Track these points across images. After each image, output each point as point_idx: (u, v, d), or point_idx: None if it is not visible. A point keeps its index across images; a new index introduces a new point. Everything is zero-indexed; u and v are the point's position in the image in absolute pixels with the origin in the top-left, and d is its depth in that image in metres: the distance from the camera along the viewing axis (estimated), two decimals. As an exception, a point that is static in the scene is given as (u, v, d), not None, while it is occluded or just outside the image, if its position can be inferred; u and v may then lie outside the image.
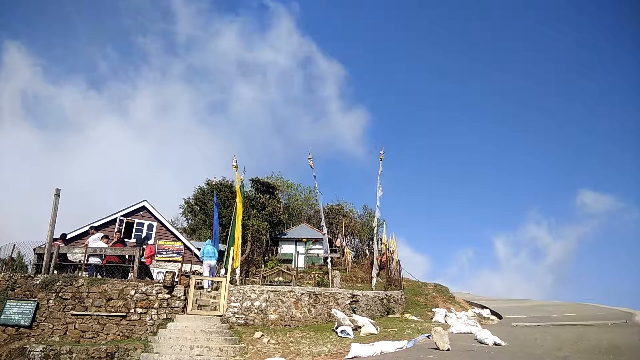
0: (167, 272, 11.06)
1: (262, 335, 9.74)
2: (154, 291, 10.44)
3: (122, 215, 19.46)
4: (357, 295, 12.58)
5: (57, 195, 11.52)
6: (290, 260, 23.62)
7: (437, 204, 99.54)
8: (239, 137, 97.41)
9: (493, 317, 15.16)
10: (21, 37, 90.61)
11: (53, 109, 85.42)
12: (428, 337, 8.28)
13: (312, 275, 19.47)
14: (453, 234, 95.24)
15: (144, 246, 12.80)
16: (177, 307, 10.42)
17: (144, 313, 10.13)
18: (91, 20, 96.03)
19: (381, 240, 21.22)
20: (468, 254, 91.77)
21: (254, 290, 11.35)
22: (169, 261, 19.34)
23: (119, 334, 9.73)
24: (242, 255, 15.41)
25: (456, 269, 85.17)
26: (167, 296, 10.46)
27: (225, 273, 13.57)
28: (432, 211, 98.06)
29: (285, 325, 10.87)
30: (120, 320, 9.92)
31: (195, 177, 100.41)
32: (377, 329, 10.21)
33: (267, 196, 26.11)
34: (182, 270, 13.55)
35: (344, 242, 24.53)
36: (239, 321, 10.76)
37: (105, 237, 12.57)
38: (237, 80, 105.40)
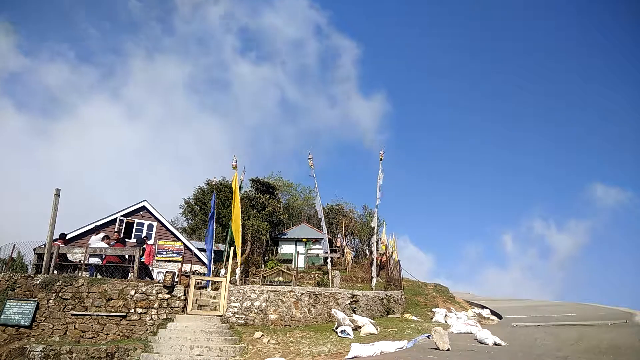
0: (167, 272, 11.06)
1: (262, 335, 9.74)
2: (154, 291, 10.44)
3: (122, 215, 19.46)
4: (357, 295, 12.58)
5: (57, 195, 11.51)
6: (290, 260, 23.61)
7: (443, 203, 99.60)
8: (244, 127, 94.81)
9: (493, 317, 15.16)
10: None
11: (37, 88, 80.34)
12: (428, 337, 8.29)
13: (312, 275, 19.48)
14: (460, 233, 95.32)
15: (144, 246, 12.77)
16: (177, 307, 10.42)
17: (144, 313, 10.12)
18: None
19: (381, 240, 21.23)
20: (476, 252, 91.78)
21: (254, 290, 11.35)
22: (169, 261, 19.34)
23: (119, 334, 9.72)
24: (242, 255, 15.40)
25: (464, 267, 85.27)
26: (167, 296, 10.45)
27: (225, 273, 13.57)
28: (439, 210, 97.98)
29: (285, 325, 10.87)
30: (120, 320, 9.92)
31: (195, 177, 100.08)
32: (377, 329, 10.20)
33: (267, 196, 26.12)
34: (182, 270, 13.56)
35: (344, 242, 24.55)
36: (239, 321, 10.76)
37: (106, 237, 12.55)
38: (237, 56, 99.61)
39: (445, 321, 12.88)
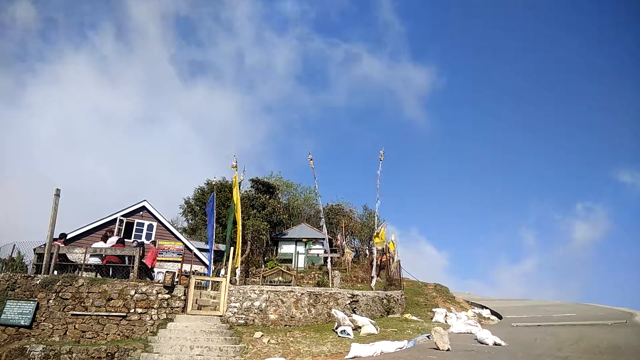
0: (167, 272, 11.07)
1: (262, 335, 9.74)
2: (154, 291, 10.44)
3: (122, 215, 19.45)
4: (357, 295, 12.58)
5: (57, 195, 11.50)
6: (290, 260, 23.61)
7: (449, 201, 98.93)
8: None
9: (493, 317, 15.17)
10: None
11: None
12: (428, 337, 8.29)
13: (312, 275, 19.47)
14: (474, 230, 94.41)
15: (155, 247, 12.77)
16: (177, 307, 10.42)
17: (144, 313, 10.12)
18: None
19: (380, 238, 21.18)
20: (490, 248, 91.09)
21: (254, 290, 11.35)
22: (169, 261, 19.33)
23: (119, 334, 9.72)
24: (242, 255, 15.40)
25: (480, 264, 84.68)
26: (167, 296, 10.45)
27: (225, 273, 13.57)
28: (448, 208, 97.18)
29: (285, 325, 10.87)
30: (120, 320, 9.92)
31: (195, 176, 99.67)
32: (377, 329, 10.21)
33: (267, 196, 26.12)
34: (182, 270, 13.55)
35: (344, 242, 24.54)
36: (239, 321, 10.76)
37: (105, 237, 12.54)
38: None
39: (445, 321, 12.89)
